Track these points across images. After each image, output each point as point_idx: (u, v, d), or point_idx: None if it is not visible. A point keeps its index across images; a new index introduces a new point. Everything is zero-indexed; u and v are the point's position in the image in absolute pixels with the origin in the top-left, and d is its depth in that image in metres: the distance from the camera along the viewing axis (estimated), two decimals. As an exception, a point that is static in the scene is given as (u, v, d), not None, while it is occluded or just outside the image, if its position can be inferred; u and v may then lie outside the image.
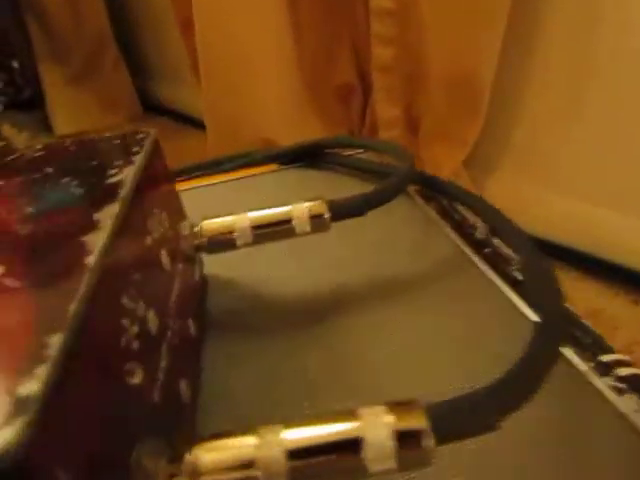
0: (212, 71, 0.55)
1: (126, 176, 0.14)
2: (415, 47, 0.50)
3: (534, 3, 0.47)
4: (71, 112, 1.09)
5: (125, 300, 0.12)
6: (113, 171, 0.15)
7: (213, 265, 0.23)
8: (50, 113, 1.08)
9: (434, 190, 0.25)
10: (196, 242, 0.19)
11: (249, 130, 0.57)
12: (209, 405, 0.17)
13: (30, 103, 1.13)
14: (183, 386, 0.15)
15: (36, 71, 1.06)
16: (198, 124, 0.78)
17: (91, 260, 0.11)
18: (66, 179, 0.15)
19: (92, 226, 0.12)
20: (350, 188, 0.30)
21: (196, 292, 0.20)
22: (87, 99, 1.10)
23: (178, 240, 0.18)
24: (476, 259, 0.22)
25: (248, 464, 0.10)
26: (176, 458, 0.11)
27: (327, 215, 0.19)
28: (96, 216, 0.12)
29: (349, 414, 0.11)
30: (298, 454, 0.10)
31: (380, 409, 0.11)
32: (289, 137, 0.45)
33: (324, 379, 0.17)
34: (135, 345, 0.12)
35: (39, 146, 0.18)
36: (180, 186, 0.27)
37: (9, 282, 0.10)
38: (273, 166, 0.34)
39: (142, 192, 0.15)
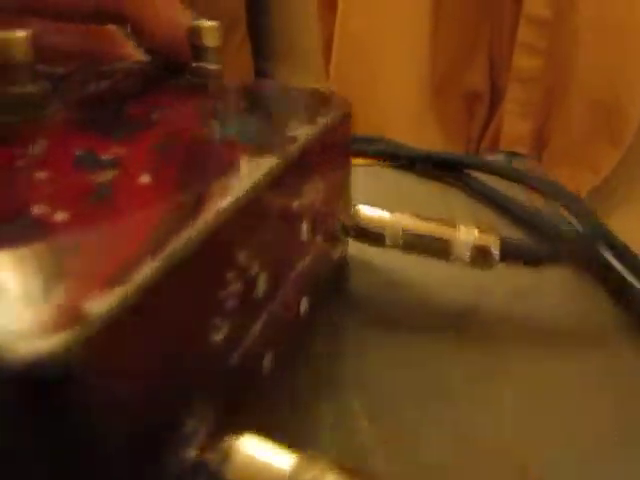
0: (344, 57, 0.53)
1: (301, 134, 0.14)
2: (563, 61, 0.44)
3: None
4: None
5: (240, 255, 0.11)
6: (293, 124, 0.14)
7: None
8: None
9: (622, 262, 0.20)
10: (346, 223, 0.18)
11: (363, 122, 0.55)
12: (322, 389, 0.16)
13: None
14: (267, 359, 0.14)
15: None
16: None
17: (223, 203, 0.10)
18: (247, 116, 0.15)
19: (243, 170, 0.11)
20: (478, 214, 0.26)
21: (328, 272, 0.19)
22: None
23: (330, 216, 0.17)
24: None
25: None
26: (215, 436, 0.10)
27: (496, 253, 0.17)
28: (253, 161, 0.12)
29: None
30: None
31: None
32: (402, 137, 0.42)
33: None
34: (231, 303, 0.11)
35: (233, 79, 0.18)
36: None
37: (148, 186, 0.10)
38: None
39: (312, 155, 0.14)
